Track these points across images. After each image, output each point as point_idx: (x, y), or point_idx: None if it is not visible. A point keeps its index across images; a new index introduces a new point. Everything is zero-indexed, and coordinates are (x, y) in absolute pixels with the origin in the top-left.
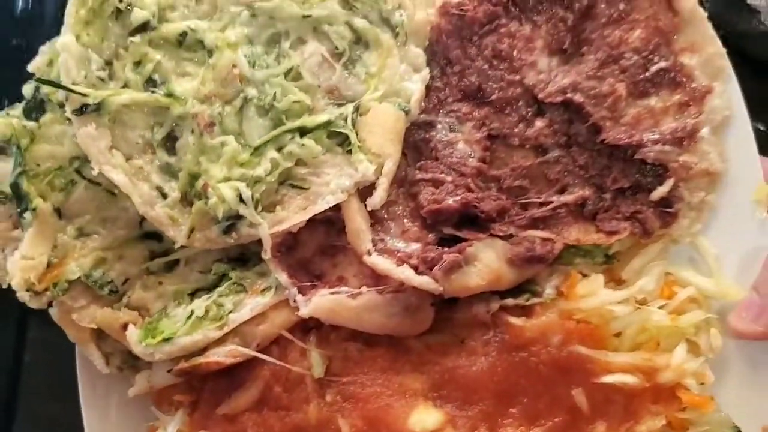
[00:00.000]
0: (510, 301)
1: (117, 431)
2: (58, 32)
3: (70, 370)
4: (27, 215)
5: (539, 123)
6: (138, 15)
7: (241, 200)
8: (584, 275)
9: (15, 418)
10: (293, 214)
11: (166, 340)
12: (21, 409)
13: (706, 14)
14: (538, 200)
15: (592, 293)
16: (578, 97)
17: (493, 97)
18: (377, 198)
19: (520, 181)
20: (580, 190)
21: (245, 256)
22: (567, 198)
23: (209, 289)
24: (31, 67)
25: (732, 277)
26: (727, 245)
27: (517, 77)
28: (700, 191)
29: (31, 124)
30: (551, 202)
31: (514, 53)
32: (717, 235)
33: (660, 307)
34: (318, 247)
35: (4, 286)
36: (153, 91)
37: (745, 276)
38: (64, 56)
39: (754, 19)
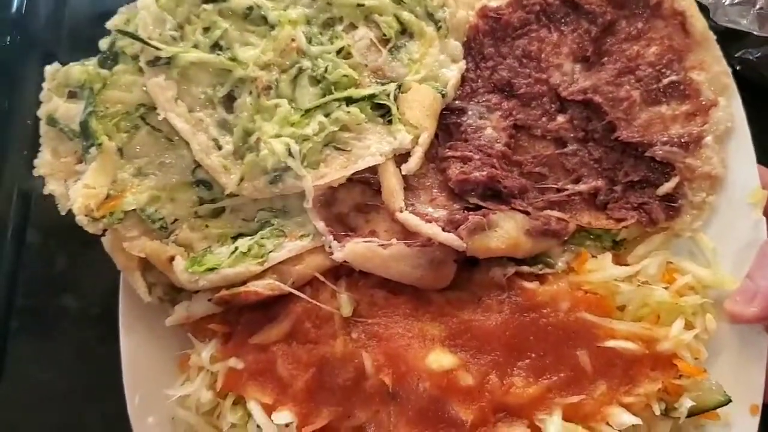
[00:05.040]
0: (525, 268)
1: (151, 359)
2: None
3: (57, 339)
4: (92, 150)
5: (560, 118)
6: None
7: (290, 154)
8: (593, 256)
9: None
10: (335, 171)
11: (211, 269)
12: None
13: (715, 37)
14: (556, 186)
15: (600, 268)
16: (597, 98)
17: (521, 91)
18: (412, 164)
19: (540, 168)
20: (594, 181)
21: (286, 208)
22: (581, 187)
23: (251, 234)
24: (109, 25)
25: (728, 269)
26: (725, 241)
27: (544, 76)
28: (702, 192)
29: (104, 72)
30: (567, 189)
31: (542, 55)
32: (716, 231)
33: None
34: (354, 205)
35: (63, 213)
36: (218, 54)
37: (740, 269)
38: (143, 14)
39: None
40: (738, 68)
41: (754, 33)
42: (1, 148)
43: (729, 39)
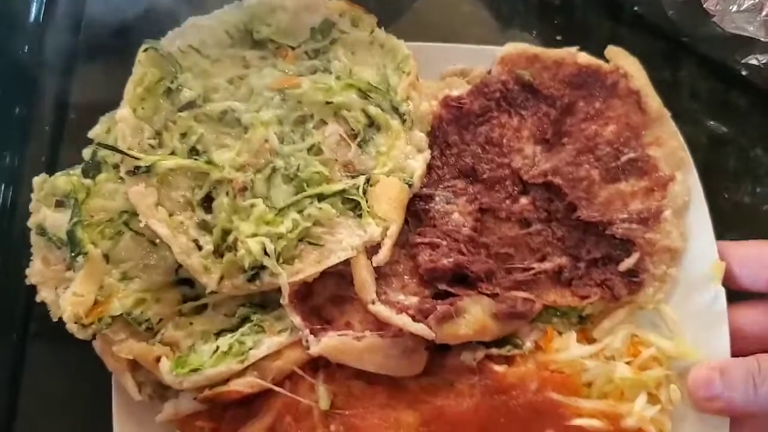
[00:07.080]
0: (494, 351)
1: None
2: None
3: (75, 345)
4: (79, 259)
5: (524, 200)
6: (186, 94)
7: (266, 253)
8: (560, 333)
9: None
10: (309, 267)
11: (194, 370)
12: (25, 383)
13: (669, 114)
14: (522, 266)
15: (566, 347)
16: (557, 180)
17: (485, 176)
18: (381, 256)
19: (506, 248)
20: (558, 259)
21: (265, 303)
22: (546, 265)
23: (233, 330)
24: (91, 134)
25: (690, 339)
26: (686, 312)
27: (506, 160)
28: (663, 264)
29: (87, 181)
30: (533, 268)
31: (504, 140)
32: (678, 303)
33: (627, 363)
34: (329, 297)
35: (55, 319)
36: (195, 159)
37: (701, 340)
38: (121, 126)
39: (710, 23)
40: (745, 73)
41: (761, 39)
42: (19, 155)
43: (736, 45)
